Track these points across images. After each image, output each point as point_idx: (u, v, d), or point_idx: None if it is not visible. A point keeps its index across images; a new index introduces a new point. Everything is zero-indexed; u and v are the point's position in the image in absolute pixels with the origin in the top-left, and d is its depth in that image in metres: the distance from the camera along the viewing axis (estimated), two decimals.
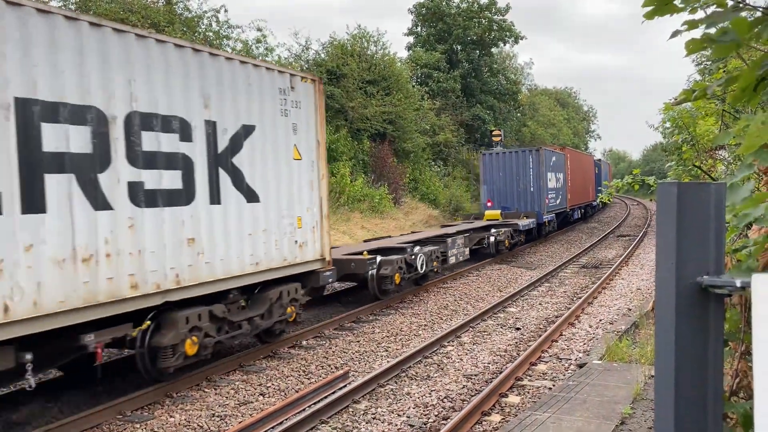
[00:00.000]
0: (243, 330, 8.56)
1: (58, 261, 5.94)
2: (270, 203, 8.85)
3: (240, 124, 8.37)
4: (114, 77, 6.58)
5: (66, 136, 6.07)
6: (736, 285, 1.14)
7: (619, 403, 6.53)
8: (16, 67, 5.64)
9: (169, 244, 7.20)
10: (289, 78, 9.32)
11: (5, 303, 5.44)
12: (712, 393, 1.19)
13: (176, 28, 19.59)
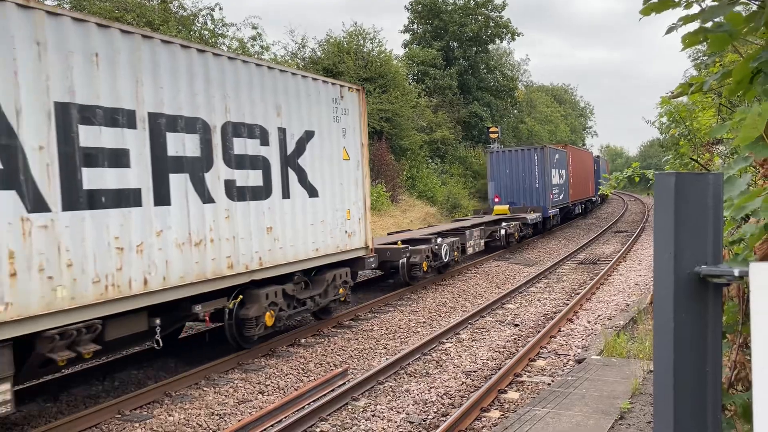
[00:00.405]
0: (307, 306, 10.07)
1: (179, 244, 7.43)
2: (326, 198, 10.35)
3: (303, 130, 9.84)
4: (214, 93, 8.06)
5: (183, 143, 7.53)
6: (734, 274, 1.14)
7: (617, 398, 6.54)
8: (149, 90, 7.08)
9: (254, 232, 8.69)
10: (339, 88, 10.84)
11: (145, 276, 6.96)
12: (711, 381, 1.20)
13: (171, 26, 19.55)
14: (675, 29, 2.34)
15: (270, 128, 9.08)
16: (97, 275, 6.43)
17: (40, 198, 5.94)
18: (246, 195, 8.55)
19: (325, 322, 10.98)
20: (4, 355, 5.57)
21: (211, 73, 8.03)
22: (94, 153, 6.49)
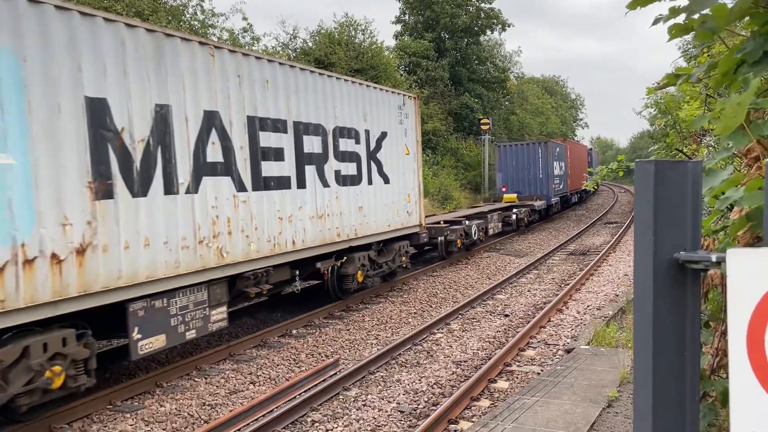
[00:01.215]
0: (383, 269, 12.90)
1: (310, 217, 10.14)
2: (395, 184, 13.10)
3: (380, 131, 12.56)
4: (328, 106, 10.71)
5: (312, 143, 10.22)
6: (712, 260, 1.16)
7: (606, 386, 6.61)
8: (294, 105, 9.80)
9: (352, 210, 11.40)
10: (402, 97, 13.61)
11: (293, 239, 9.64)
12: (690, 364, 1.23)
13: (161, 16, 19.39)
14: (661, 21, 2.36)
15: (360, 130, 11.82)
16: (269, 236, 9.10)
17: (241, 182, 8.59)
18: (347, 181, 11.31)
19: (316, 311, 11.02)
20: (223, 287, 8.33)
21: (326, 90, 10.68)
22: (266, 151, 9.13)
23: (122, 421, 6.59)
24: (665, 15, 2.36)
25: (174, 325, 7.56)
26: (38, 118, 5.95)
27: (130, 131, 6.94)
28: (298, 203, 9.82)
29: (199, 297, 7.99)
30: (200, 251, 7.82)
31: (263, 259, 8.96)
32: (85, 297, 6.30)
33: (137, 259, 6.89)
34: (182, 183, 7.63)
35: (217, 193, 8.17)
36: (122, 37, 6.82)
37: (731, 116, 1.47)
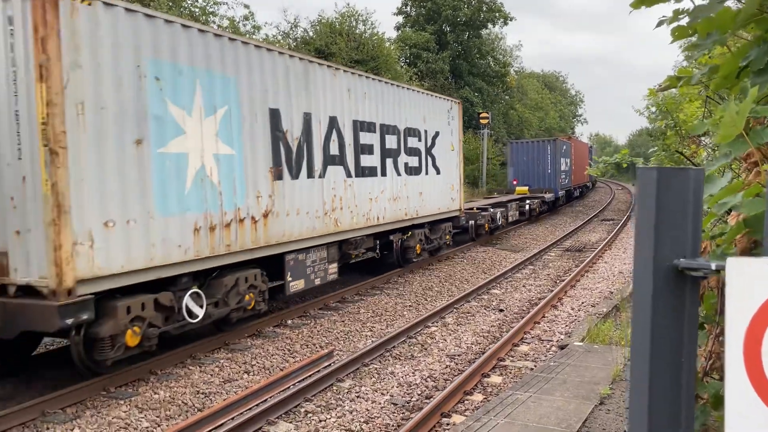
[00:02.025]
0: (433, 244, 15.81)
1: (389, 199, 13.02)
2: (443, 175, 16.03)
3: (435, 131, 15.56)
4: (400, 110, 13.66)
5: (390, 141, 13.15)
6: (712, 268, 1.17)
7: (598, 383, 6.65)
8: (381, 111, 12.71)
9: (414, 195, 14.28)
10: (451, 103, 16.80)
11: (378, 216, 12.51)
12: (686, 370, 1.24)
13: (162, 2, 19.28)
14: (665, 23, 2.36)
15: (421, 130, 14.78)
16: (363, 212, 12.02)
17: (349, 170, 11.52)
18: (412, 172, 14.17)
19: (311, 302, 11.04)
20: (335, 248, 11.23)
21: (399, 98, 13.62)
22: (363, 146, 12.03)
23: (116, 408, 6.61)
24: (669, 17, 2.36)
25: (308, 274, 10.44)
26: (246, 124, 8.79)
27: (291, 132, 9.82)
28: (381, 188, 12.81)
29: (322, 255, 10.88)
30: (325, 220, 10.73)
31: (359, 229, 12.00)
32: (266, 248, 9.22)
33: (292, 223, 9.82)
34: (317, 170, 10.52)
35: (335, 178, 11.09)
36: (287, 65, 9.72)
37: (730, 125, 1.47)
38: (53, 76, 6.15)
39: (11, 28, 6.32)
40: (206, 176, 8.05)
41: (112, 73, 6.77)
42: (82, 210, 6.44)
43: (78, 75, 6.41)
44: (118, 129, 6.85)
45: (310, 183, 10.23)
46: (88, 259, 6.49)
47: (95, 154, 6.59)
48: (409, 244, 14.44)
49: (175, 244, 7.53)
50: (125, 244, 6.89)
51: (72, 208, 6.31)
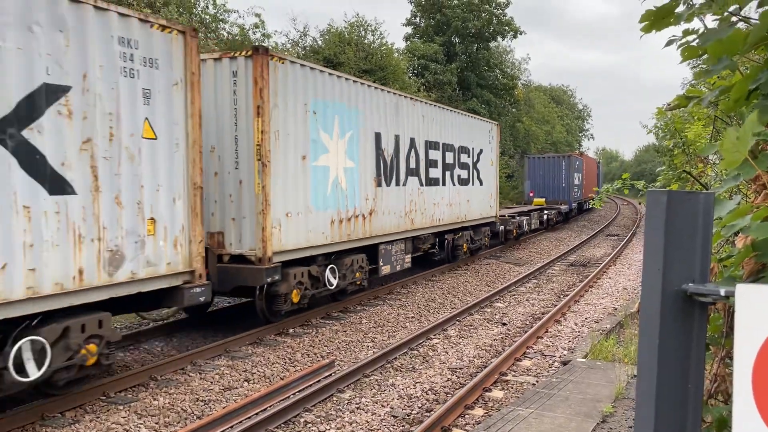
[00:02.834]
0: (476, 245, 18.61)
1: (446, 205, 16.05)
2: (485, 186, 19.16)
3: (480, 148, 18.82)
4: (455, 131, 16.72)
5: (448, 156, 16.19)
6: (721, 294, 1.16)
7: (600, 401, 6.60)
8: (441, 131, 15.88)
9: (464, 202, 17.34)
10: (491, 125, 20.25)
11: (439, 218, 15.57)
12: (693, 398, 1.22)
13: (171, 9, 19.39)
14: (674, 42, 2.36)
15: (469, 147, 17.91)
16: (429, 215, 15.00)
17: (421, 180, 14.52)
18: (463, 182, 17.27)
19: (313, 311, 11.02)
20: (410, 243, 14.00)
21: (455, 121, 16.77)
22: (430, 161, 15.04)
23: (115, 413, 6.59)
24: (679, 37, 2.36)
25: (393, 261, 13.34)
26: (362, 144, 11.90)
27: (387, 150, 12.95)
28: (442, 195, 15.84)
29: (402, 247, 13.76)
30: (405, 220, 13.73)
31: (426, 228, 14.96)
32: (369, 238, 12.20)
33: (385, 221, 12.80)
34: (401, 180, 13.54)
35: (413, 186, 14.13)
36: (385, 98, 12.83)
37: (732, 151, 1.46)
38: (265, 113, 9.16)
39: (234, 79, 9.35)
40: (339, 183, 11.15)
41: (292, 110, 9.82)
42: (276, 204, 9.47)
43: (276, 112, 9.43)
44: (294, 149, 9.91)
45: (397, 190, 13.39)
46: (277, 239, 9.52)
47: (282, 166, 9.62)
48: (459, 243, 17.30)
49: (320, 232, 10.64)
50: (295, 229, 9.97)
51: (271, 202, 9.34)
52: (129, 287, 7.04)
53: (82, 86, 6.46)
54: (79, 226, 6.44)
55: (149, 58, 7.25)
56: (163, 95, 7.48)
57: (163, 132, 7.49)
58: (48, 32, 6.10)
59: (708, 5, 1.96)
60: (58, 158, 6.23)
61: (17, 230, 5.84)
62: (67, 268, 6.31)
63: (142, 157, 7.18)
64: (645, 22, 2.07)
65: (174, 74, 7.62)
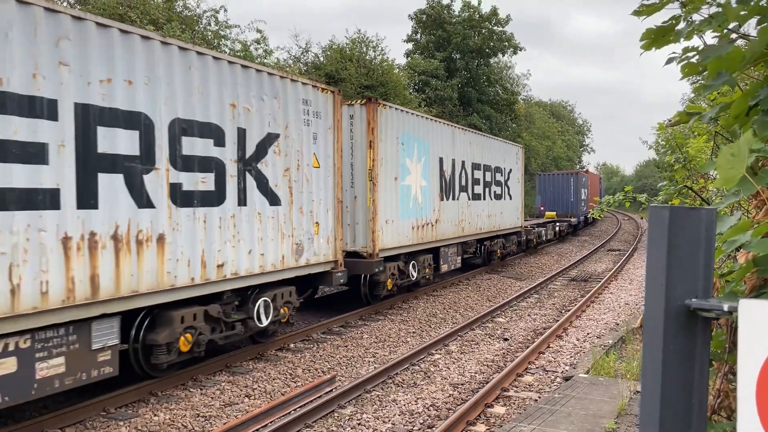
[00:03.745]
0: (507, 251, 21.31)
1: (486, 216, 19.05)
2: (514, 201, 22.07)
3: (509, 168, 21.73)
4: (492, 154, 19.72)
5: (487, 175, 19.30)
6: (724, 309, 1.17)
7: (603, 417, 6.56)
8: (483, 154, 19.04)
9: (498, 213, 20.15)
10: (519, 148, 23.29)
11: (480, 227, 18.46)
12: (697, 414, 1.22)
13: (174, 25, 19.56)
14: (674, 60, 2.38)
15: (502, 168, 20.94)
16: (474, 224, 17.76)
17: (469, 195, 17.47)
18: (498, 197, 20.22)
19: (314, 326, 10.99)
20: (460, 247, 16.92)
21: (491, 145, 19.84)
22: (475, 179, 17.88)
23: (115, 429, 6.55)
24: (679, 55, 2.38)
25: (449, 261, 16.01)
26: (430, 166, 14.86)
27: (446, 171, 15.89)
28: (483, 208, 18.64)
29: (454, 250, 16.50)
30: (458, 228, 16.56)
31: (471, 235, 17.64)
32: (434, 242, 15.03)
33: (444, 229, 15.63)
34: (456, 195, 16.44)
35: (463, 200, 16.91)
36: (444, 129, 15.86)
37: (727, 167, 1.46)
38: (374, 146, 12.14)
39: (351, 121, 12.24)
40: (416, 198, 14.08)
41: (389, 143, 12.72)
42: (380, 214, 12.31)
43: (380, 145, 12.34)
44: (390, 172, 12.82)
45: (453, 203, 16.26)
46: (380, 240, 12.37)
47: (383, 185, 12.49)
48: (494, 248, 20.09)
49: (405, 236, 13.54)
50: (391, 233, 12.80)
51: (378, 212, 12.25)
52: (305, 269, 10.08)
53: (285, 133, 9.49)
54: (282, 226, 9.42)
55: (316, 111, 10.30)
56: (323, 137, 10.48)
57: (323, 162, 10.50)
58: (270, 100, 9.13)
59: (708, 22, 1.99)
60: (273, 181, 9.20)
61: (255, 229, 8.79)
62: (277, 254, 9.29)
63: (312, 180, 10.16)
64: (645, 40, 2.09)
65: (328, 121, 10.68)
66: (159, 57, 7.19)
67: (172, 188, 7.36)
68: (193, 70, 7.71)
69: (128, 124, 6.83)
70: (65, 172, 6.14)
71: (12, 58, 5.63)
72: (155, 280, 7.12)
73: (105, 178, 6.56)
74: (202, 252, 7.80)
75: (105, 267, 6.50)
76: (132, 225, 6.83)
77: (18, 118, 5.66)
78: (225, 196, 8.22)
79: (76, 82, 6.25)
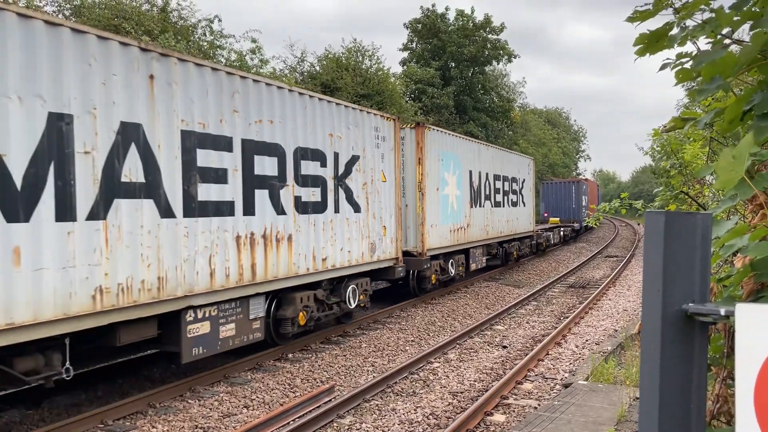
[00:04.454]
0: (522, 252, 23.79)
1: (505, 221, 21.44)
2: (527, 208, 24.49)
3: (523, 178, 24.20)
4: (509, 166, 22.52)
5: (507, 185, 22.01)
6: (721, 313, 1.16)
7: (603, 424, 6.54)
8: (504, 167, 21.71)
9: (514, 219, 22.44)
10: (531, 160, 26.34)
11: (500, 230, 20.84)
12: (696, 419, 1.22)
13: (169, 36, 19.60)
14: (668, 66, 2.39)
15: (518, 178, 23.44)
16: (496, 229, 20.25)
17: (492, 203, 19.83)
18: (514, 204, 22.36)
19: (312, 336, 10.96)
20: (485, 248, 19.47)
21: (510, 158, 22.57)
22: (497, 189, 20.42)
23: None
24: (672, 60, 2.39)
25: (476, 261, 18.25)
26: (462, 178, 17.15)
27: (474, 182, 18.11)
28: (502, 214, 20.87)
29: (481, 251, 18.75)
30: (483, 231, 18.79)
31: (494, 238, 20.01)
32: (464, 244, 17.12)
33: (473, 232, 17.75)
34: (482, 202, 18.75)
35: (487, 208, 19.25)
36: (472, 145, 18.54)
37: (727, 170, 1.47)
38: (423, 162, 14.43)
39: (402, 142, 14.18)
40: (452, 205, 16.29)
41: (432, 159, 14.95)
42: (427, 219, 14.48)
43: (426, 161, 14.57)
44: (433, 184, 15.02)
45: (479, 210, 18.48)
46: (427, 241, 14.52)
47: (428, 195, 14.67)
48: (511, 250, 22.36)
49: (445, 238, 15.67)
50: (434, 236, 14.97)
51: (425, 218, 14.45)
52: (377, 264, 12.48)
53: (363, 155, 11.94)
54: (362, 229, 11.80)
55: (383, 135, 12.83)
56: (387, 156, 13.00)
57: (388, 177, 12.99)
58: (353, 128, 11.64)
59: (701, 27, 2.00)
60: (356, 193, 11.62)
61: (345, 231, 11.18)
62: (359, 251, 11.70)
63: (381, 192, 12.60)
64: (639, 46, 2.10)
65: (391, 143, 13.18)
66: (287, 101, 9.62)
67: (296, 200, 9.81)
68: (307, 110, 10.16)
69: (271, 152, 9.24)
70: (237, 188, 8.48)
71: (209, 109, 8.02)
72: (287, 269, 9.54)
73: (258, 193, 8.95)
74: (313, 248, 10.22)
75: (259, 258, 8.85)
76: (273, 227, 9.25)
77: (213, 151, 8.08)
78: (327, 205, 10.70)
79: (242, 124, 8.61)
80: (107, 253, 6.53)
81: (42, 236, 5.89)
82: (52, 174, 6.01)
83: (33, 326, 5.78)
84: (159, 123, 7.25)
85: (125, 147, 6.81)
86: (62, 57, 6.12)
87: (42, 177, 5.93)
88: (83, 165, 6.32)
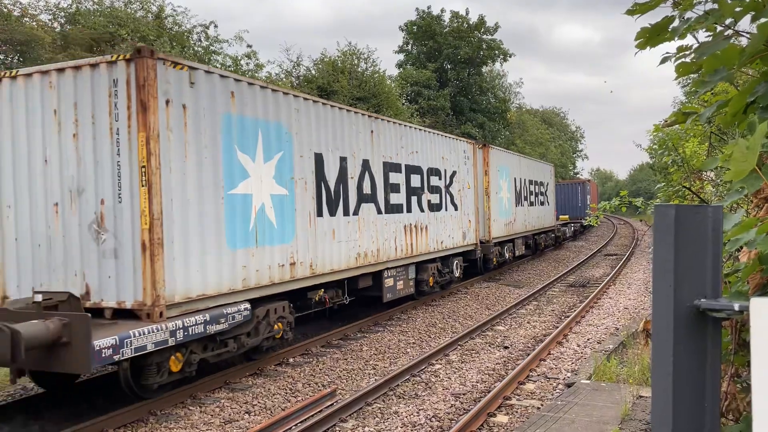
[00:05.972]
0: (547, 243, 28.53)
1: (535, 218, 25.94)
2: (550, 207, 29.85)
3: (546, 182, 29.09)
4: (538, 172, 27.39)
5: (536, 188, 26.70)
6: (735, 309, 1.13)
7: (607, 423, 6.50)
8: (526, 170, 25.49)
9: (541, 216, 27.06)
10: (550, 166, 31.34)
11: (534, 226, 26.01)
12: (710, 415, 1.19)
13: (164, 42, 19.58)
14: (669, 60, 2.36)
15: (544, 182, 28.34)
16: (531, 224, 25.13)
17: (522, 201, 23.69)
18: (541, 204, 27.47)
19: (313, 340, 10.92)
20: (523, 239, 24.05)
21: (537, 166, 27.97)
22: (530, 191, 25.42)
23: None
24: (673, 53, 2.37)
25: (519, 248, 22.54)
26: (511, 184, 22.27)
27: (518, 186, 22.99)
28: (534, 212, 24.59)
29: (521, 241, 22.88)
30: (524, 225, 23.31)
31: (530, 231, 24.37)
32: (512, 235, 21.91)
33: (517, 226, 22.55)
34: (522, 202, 23.25)
35: (525, 206, 23.58)
36: (513, 157, 23.62)
37: (741, 161, 1.44)
38: (488, 173, 19.56)
39: (471, 157, 18.47)
40: (505, 205, 20.91)
41: (493, 170, 20.05)
42: (491, 215, 19.66)
43: (490, 172, 19.81)
44: (494, 189, 19.75)
45: (520, 208, 22.54)
46: (492, 232, 19.45)
47: (493, 197, 19.80)
48: (539, 242, 26.34)
49: (501, 230, 19.79)
50: (495, 227, 19.87)
51: (491, 214, 19.61)
52: (466, 248, 17.14)
53: (458, 170, 16.72)
54: (458, 222, 16.54)
55: (467, 155, 17.58)
56: (470, 170, 17.69)
57: (471, 184, 17.59)
58: (452, 151, 16.63)
59: (704, 18, 1.97)
60: (455, 197, 16.41)
61: (449, 223, 16.03)
62: (456, 238, 16.57)
63: (467, 196, 17.16)
64: (640, 39, 2.07)
65: (472, 160, 17.76)
66: (424, 138, 14.86)
67: (428, 202, 14.73)
68: (432, 143, 15.25)
69: (417, 172, 14.28)
70: (403, 196, 13.46)
71: (392, 147, 13.33)
72: (425, 248, 14.48)
73: (413, 199, 13.94)
74: (436, 236, 15.09)
75: (412, 240, 13.73)
76: (419, 221, 14.20)
77: (394, 173, 13.26)
78: (442, 206, 15.57)
79: (405, 154, 13.69)
80: (359, 234, 11.63)
81: (340, 224, 10.95)
82: (342, 190, 11.07)
83: (336, 272, 10.82)
84: (375, 158, 12.38)
85: (362, 173, 11.85)
86: (344, 126, 11.29)
87: (337, 191, 10.95)
88: (351, 185, 11.44)
